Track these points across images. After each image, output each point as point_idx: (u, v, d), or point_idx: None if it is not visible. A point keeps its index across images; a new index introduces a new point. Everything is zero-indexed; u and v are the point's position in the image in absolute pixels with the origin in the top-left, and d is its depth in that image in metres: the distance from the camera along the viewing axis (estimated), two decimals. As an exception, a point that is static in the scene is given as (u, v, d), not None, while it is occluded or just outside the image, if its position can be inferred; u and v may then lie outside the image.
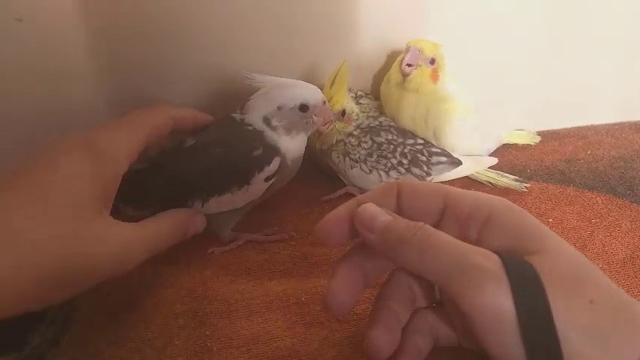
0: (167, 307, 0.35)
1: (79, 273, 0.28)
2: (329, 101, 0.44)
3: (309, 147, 0.45)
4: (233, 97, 0.43)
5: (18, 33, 0.41)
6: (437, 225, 0.26)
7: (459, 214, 0.26)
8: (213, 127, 0.41)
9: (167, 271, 0.39)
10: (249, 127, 0.39)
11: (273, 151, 0.39)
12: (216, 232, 0.42)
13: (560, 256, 0.23)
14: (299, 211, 0.46)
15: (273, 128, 0.39)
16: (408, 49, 0.46)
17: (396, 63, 0.48)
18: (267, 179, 0.39)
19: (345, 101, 0.46)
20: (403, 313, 0.28)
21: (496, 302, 0.21)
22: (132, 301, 0.36)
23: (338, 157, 0.47)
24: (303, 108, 0.40)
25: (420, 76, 0.47)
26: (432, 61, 0.47)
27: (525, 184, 0.48)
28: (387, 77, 0.49)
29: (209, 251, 0.41)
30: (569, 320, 0.21)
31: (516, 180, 0.48)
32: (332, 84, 0.45)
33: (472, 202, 0.26)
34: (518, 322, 0.21)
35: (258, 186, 0.39)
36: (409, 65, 0.46)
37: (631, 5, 0.55)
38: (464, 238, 0.24)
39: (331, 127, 0.45)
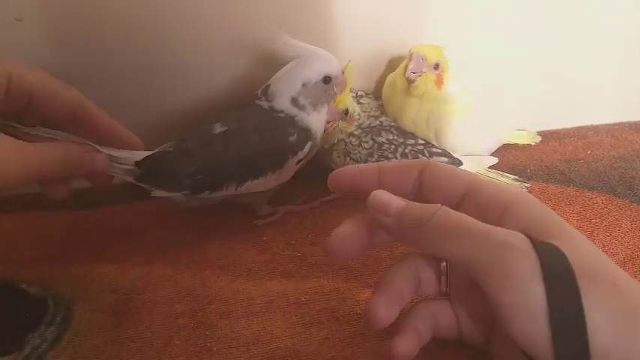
0: (167, 307, 0.35)
1: None
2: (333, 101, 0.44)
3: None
4: (237, 101, 0.43)
5: (18, 33, 0.41)
6: (456, 208, 0.25)
7: (480, 200, 0.26)
8: (240, 114, 0.41)
9: (167, 271, 0.39)
10: (280, 115, 0.40)
11: (306, 135, 0.41)
12: (255, 209, 0.44)
13: (578, 242, 0.23)
14: (299, 211, 0.46)
15: (302, 107, 0.41)
16: (411, 56, 0.46)
17: (400, 69, 0.48)
18: (298, 162, 0.41)
19: (348, 101, 0.46)
20: (407, 292, 0.28)
21: (525, 281, 0.20)
22: (132, 301, 0.36)
23: (339, 156, 0.47)
24: (326, 80, 0.41)
25: (424, 82, 0.46)
26: (436, 67, 0.46)
27: (525, 184, 0.48)
28: (391, 81, 0.49)
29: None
30: (593, 303, 0.20)
31: (516, 180, 0.49)
32: None
33: (493, 190, 0.26)
34: (548, 307, 0.20)
35: (290, 169, 0.41)
36: (414, 72, 0.46)
37: (631, 5, 0.55)
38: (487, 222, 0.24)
39: (334, 125, 0.46)
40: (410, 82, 0.46)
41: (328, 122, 0.44)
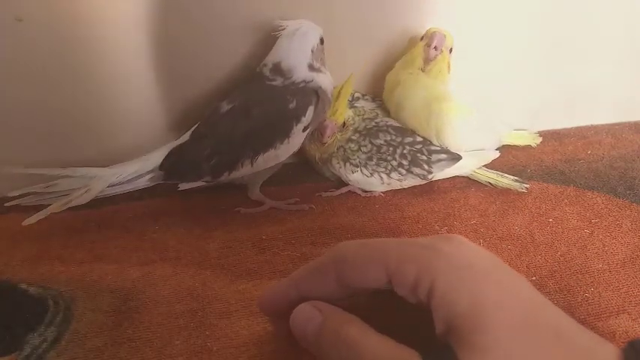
0: (167, 307, 0.35)
1: None
2: (334, 114, 0.45)
3: (307, 155, 0.44)
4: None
5: (18, 33, 0.41)
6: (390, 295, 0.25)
7: (405, 282, 0.24)
8: (245, 92, 0.43)
9: (167, 271, 0.39)
10: (300, 85, 0.42)
11: (306, 100, 0.42)
12: (248, 187, 0.45)
13: (498, 350, 0.21)
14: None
15: (318, 70, 0.43)
16: (433, 35, 0.47)
17: (417, 48, 0.48)
18: (304, 129, 0.42)
19: (346, 112, 0.47)
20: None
21: None
22: (132, 301, 0.36)
23: (338, 163, 0.47)
24: (322, 41, 0.44)
25: (442, 61, 0.48)
26: (450, 50, 0.48)
27: (525, 185, 0.48)
28: (403, 63, 0.49)
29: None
30: None
31: (516, 180, 0.48)
32: (338, 96, 0.45)
33: (414, 272, 0.24)
34: None
35: (297, 137, 0.42)
36: (435, 48, 0.47)
37: (631, 5, 0.55)
38: (419, 302, 0.24)
39: (334, 138, 0.46)
40: (430, 59, 0.47)
41: (328, 137, 0.45)
